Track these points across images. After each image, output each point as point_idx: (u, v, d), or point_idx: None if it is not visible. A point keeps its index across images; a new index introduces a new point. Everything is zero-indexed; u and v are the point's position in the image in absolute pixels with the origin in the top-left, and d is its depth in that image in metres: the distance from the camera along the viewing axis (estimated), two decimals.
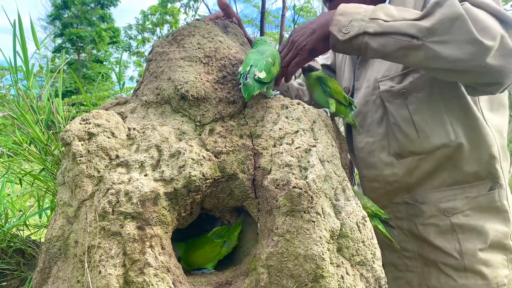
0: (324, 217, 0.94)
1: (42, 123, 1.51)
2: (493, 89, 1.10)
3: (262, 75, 1.04)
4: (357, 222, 1.00)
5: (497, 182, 1.30)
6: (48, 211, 1.64)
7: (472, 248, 1.27)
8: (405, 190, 1.39)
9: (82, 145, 1.02)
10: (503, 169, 1.31)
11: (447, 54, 1.01)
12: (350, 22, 1.09)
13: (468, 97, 1.26)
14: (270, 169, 1.01)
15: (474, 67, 1.02)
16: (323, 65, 1.75)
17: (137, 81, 1.34)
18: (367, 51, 1.10)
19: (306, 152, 1.01)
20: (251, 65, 1.06)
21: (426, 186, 1.35)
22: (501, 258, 1.30)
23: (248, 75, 1.03)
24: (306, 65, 1.29)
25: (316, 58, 1.54)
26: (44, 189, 1.57)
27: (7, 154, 1.79)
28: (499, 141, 1.30)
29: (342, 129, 1.74)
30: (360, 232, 1.00)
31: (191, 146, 1.02)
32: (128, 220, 0.92)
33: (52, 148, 1.49)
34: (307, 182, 0.96)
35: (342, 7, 1.12)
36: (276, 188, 0.97)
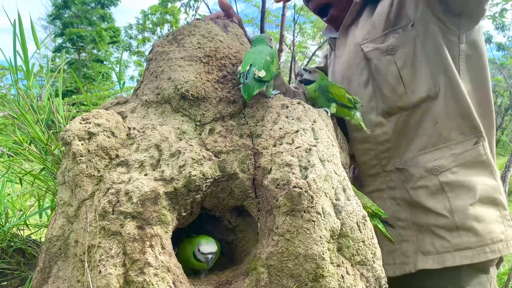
0: (324, 216, 0.94)
1: (42, 123, 1.51)
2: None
3: (262, 74, 1.04)
4: (357, 222, 1.00)
5: (481, 136, 1.34)
6: (48, 211, 1.64)
7: (462, 205, 1.29)
8: (395, 152, 1.43)
9: (82, 144, 1.02)
10: (482, 123, 1.36)
11: None
12: None
13: (447, 52, 1.35)
14: (270, 168, 1.01)
15: None
16: (317, 68, 1.78)
17: (137, 81, 1.34)
18: None
19: (306, 152, 1.01)
20: (250, 64, 1.06)
21: (414, 146, 1.39)
22: (494, 214, 1.31)
23: (248, 75, 1.03)
24: (304, 77, 1.30)
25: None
26: (44, 189, 1.57)
27: (7, 153, 1.79)
28: (473, 95, 1.38)
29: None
30: (360, 232, 1.00)
31: (191, 145, 1.02)
32: (128, 220, 0.92)
33: (52, 147, 1.49)
34: (307, 181, 0.96)
35: None
36: (276, 187, 0.97)
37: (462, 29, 1.36)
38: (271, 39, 1.25)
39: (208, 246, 1.04)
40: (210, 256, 1.03)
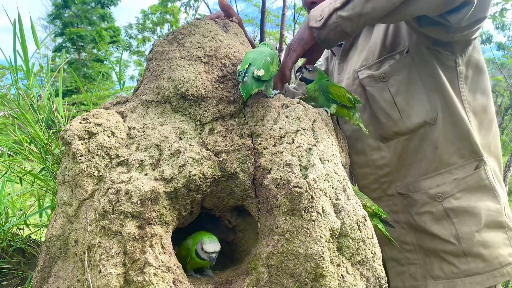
0: (324, 216, 0.94)
1: (42, 123, 1.51)
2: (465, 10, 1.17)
3: (261, 73, 1.04)
4: (357, 222, 1.00)
5: (482, 160, 1.34)
6: (49, 210, 1.64)
7: (468, 231, 1.29)
8: (396, 176, 1.42)
9: (82, 144, 1.02)
10: (483, 146, 1.35)
11: None
12: (322, 10, 1.20)
13: (444, 78, 1.35)
14: (270, 168, 1.01)
15: None
16: None
17: (137, 81, 1.34)
18: (344, 25, 1.17)
19: (306, 151, 1.01)
20: (250, 64, 1.06)
21: (415, 170, 1.39)
22: (500, 237, 1.31)
23: (246, 74, 1.03)
24: (303, 75, 1.30)
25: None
26: (44, 188, 1.57)
27: (7, 153, 1.79)
28: (472, 119, 1.37)
29: None
30: (360, 232, 1.00)
31: (191, 145, 1.02)
32: (128, 219, 0.92)
33: (52, 147, 1.49)
34: (307, 181, 0.96)
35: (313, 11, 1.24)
36: (276, 187, 0.97)
37: (457, 53, 1.35)
38: (276, 48, 1.26)
39: (212, 245, 1.02)
40: (214, 255, 1.01)
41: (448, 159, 1.35)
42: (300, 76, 1.31)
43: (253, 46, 1.47)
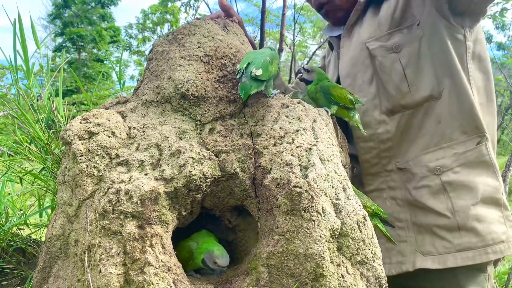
0: (324, 216, 0.94)
1: (42, 122, 1.51)
2: None
3: (259, 72, 1.04)
4: (357, 221, 1.00)
5: (484, 136, 1.34)
6: (49, 210, 1.64)
7: (464, 205, 1.29)
8: (397, 151, 1.43)
9: (82, 144, 1.02)
10: (486, 123, 1.36)
11: None
12: None
13: (453, 52, 1.36)
14: (271, 168, 1.01)
15: None
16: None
17: (137, 80, 1.34)
18: None
19: (306, 151, 1.01)
20: (249, 63, 1.06)
21: (417, 145, 1.39)
22: (495, 214, 1.31)
23: (244, 73, 1.03)
24: (302, 76, 1.31)
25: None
26: (44, 188, 1.57)
27: (7, 153, 1.79)
28: (476, 96, 1.38)
29: None
30: (361, 231, 1.00)
31: (192, 145, 1.02)
32: (128, 219, 0.92)
33: (53, 147, 1.49)
34: (307, 181, 0.96)
35: None
36: (276, 187, 0.97)
37: (466, 28, 1.37)
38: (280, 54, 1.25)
39: (225, 260, 1.03)
40: (225, 269, 1.04)
41: (450, 134, 1.36)
42: (300, 77, 1.31)
43: (254, 46, 1.47)
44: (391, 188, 1.45)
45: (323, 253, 0.91)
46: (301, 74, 1.31)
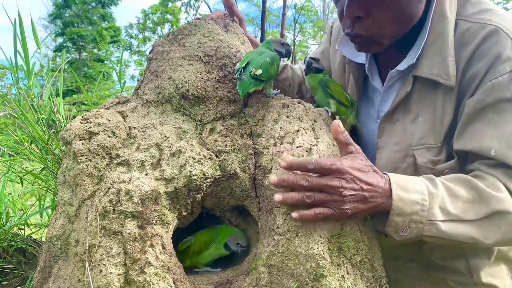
0: None
1: (43, 122, 1.51)
2: None
3: (258, 72, 1.04)
4: (357, 222, 1.00)
5: None
6: (49, 210, 1.65)
7: (481, 263, 1.23)
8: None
9: (82, 144, 1.02)
10: None
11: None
12: (408, 224, 0.98)
13: None
14: (271, 168, 1.01)
15: None
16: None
17: (138, 80, 1.34)
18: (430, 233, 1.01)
19: (307, 151, 1.01)
20: (248, 62, 1.06)
21: None
22: (504, 268, 1.27)
23: (243, 72, 1.04)
24: (313, 65, 1.28)
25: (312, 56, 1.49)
26: (45, 188, 1.57)
27: (8, 153, 1.79)
28: None
29: None
30: (361, 232, 1.00)
31: (192, 145, 1.02)
32: (128, 219, 0.92)
33: (53, 147, 1.49)
34: None
35: (397, 201, 0.96)
36: (276, 187, 0.97)
37: None
38: (282, 43, 1.21)
39: (245, 240, 1.12)
40: (245, 249, 1.12)
41: None
42: (311, 68, 1.29)
43: (256, 44, 1.46)
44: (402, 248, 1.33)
45: (323, 253, 0.91)
46: (311, 64, 1.29)
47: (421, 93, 1.18)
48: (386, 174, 1.00)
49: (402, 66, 1.21)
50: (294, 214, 0.92)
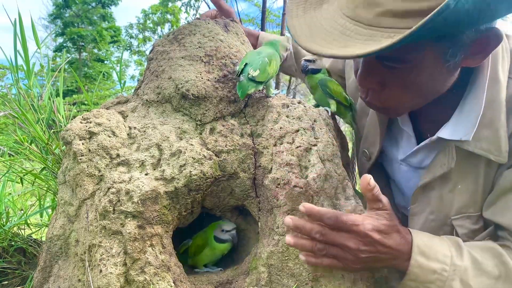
0: None
1: (43, 122, 1.52)
2: None
3: (256, 73, 1.04)
4: None
5: None
6: (49, 210, 1.65)
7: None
8: None
9: (83, 144, 1.02)
10: None
11: None
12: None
13: None
14: (271, 168, 1.01)
15: None
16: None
17: (138, 80, 1.34)
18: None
19: (306, 151, 1.01)
20: (246, 64, 1.06)
21: None
22: None
23: (242, 74, 1.04)
24: (309, 67, 1.27)
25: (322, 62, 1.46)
26: (45, 188, 1.57)
27: (8, 153, 1.79)
28: None
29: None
30: None
31: (192, 145, 1.02)
32: (129, 219, 0.92)
33: (53, 147, 1.49)
34: (307, 181, 0.96)
35: (415, 267, 0.90)
36: (276, 187, 0.97)
37: None
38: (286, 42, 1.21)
39: (229, 224, 1.12)
40: (234, 231, 1.11)
41: None
42: (308, 70, 1.28)
43: (252, 35, 1.47)
44: None
45: None
46: (306, 67, 1.28)
47: (463, 163, 1.05)
48: (410, 233, 0.92)
49: (445, 134, 1.04)
50: (302, 258, 0.89)
